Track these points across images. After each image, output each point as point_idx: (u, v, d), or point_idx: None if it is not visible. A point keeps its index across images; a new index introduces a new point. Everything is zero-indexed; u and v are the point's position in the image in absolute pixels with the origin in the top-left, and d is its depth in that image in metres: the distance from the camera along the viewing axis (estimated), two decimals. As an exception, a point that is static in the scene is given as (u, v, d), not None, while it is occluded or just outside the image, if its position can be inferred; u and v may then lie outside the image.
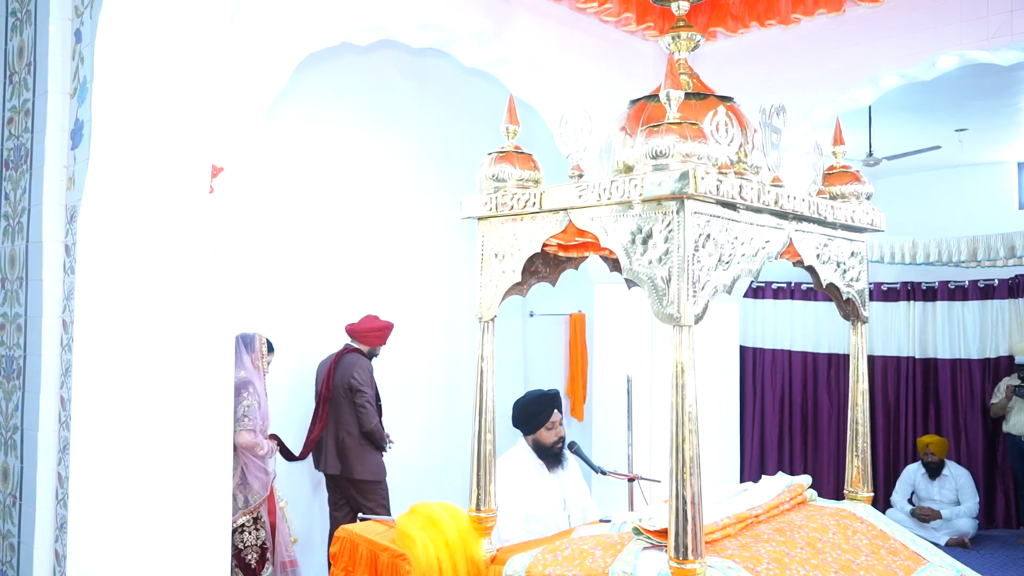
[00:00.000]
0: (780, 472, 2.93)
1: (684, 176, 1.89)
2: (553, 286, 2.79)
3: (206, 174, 2.52)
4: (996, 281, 7.20)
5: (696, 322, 1.97)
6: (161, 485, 2.53)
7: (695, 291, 1.95)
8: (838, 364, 7.97)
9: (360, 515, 3.70)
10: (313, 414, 4.80)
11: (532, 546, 2.59)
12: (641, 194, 1.98)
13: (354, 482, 4.67)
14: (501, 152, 2.45)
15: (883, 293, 7.69)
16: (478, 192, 2.47)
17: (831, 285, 2.57)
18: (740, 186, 2.05)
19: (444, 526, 2.47)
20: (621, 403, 4.06)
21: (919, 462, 6.97)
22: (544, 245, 2.33)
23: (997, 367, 7.15)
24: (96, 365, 2.35)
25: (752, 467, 7.96)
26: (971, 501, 6.69)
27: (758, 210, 2.16)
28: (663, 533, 2.15)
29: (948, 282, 7.44)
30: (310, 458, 4.83)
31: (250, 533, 4.04)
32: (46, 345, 2.42)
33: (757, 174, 2.40)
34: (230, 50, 2.69)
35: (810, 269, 2.50)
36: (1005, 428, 6.89)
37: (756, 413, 8.20)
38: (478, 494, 2.44)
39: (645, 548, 2.16)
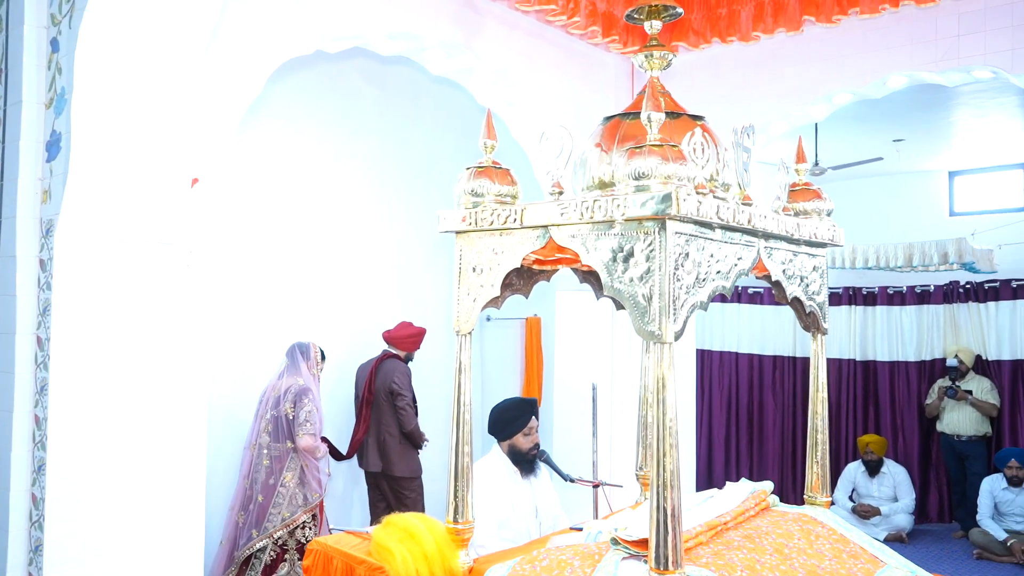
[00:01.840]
0: (743, 479, 3.01)
1: (667, 198, 1.94)
2: (526, 298, 2.82)
3: (185, 186, 2.49)
4: (932, 287, 7.51)
5: (676, 339, 2.02)
6: (139, 505, 2.48)
7: (675, 309, 2.00)
8: (783, 366, 8.20)
9: (332, 527, 3.72)
10: (357, 416, 5.09)
11: (508, 556, 2.62)
12: (624, 214, 2.02)
13: (394, 479, 4.96)
14: (479, 167, 2.47)
15: (836, 298, 7.92)
16: (455, 206, 2.48)
17: (795, 299, 2.66)
18: (718, 207, 2.11)
19: (421, 538, 2.48)
20: (583, 410, 4.12)
21: (859, 460, 7.23)
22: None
23: (932, 369, 7.46)
24: (73, 383, 2.29)
25: (700, 467, 8.13)
26: (908, 497, 6.97)
27: (732, 229, 2.23)
28: (641, 543, 2.21)
29: (887, 287, 7.73)
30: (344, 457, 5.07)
31: (310, 529, 4.29)
32: (20, 362, 2.34)
33: (727, 191, 2.48)
34: (207, 59, 2.65)
35: (776, 284, 2.58)
36: (939, 427, 7.20)
37: (704, 414, 8.38)
38: (455, 505, 2.46)
39: (624, 558, 2.21)
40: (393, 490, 4.98)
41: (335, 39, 3.23)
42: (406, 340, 5.11)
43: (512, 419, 3.32)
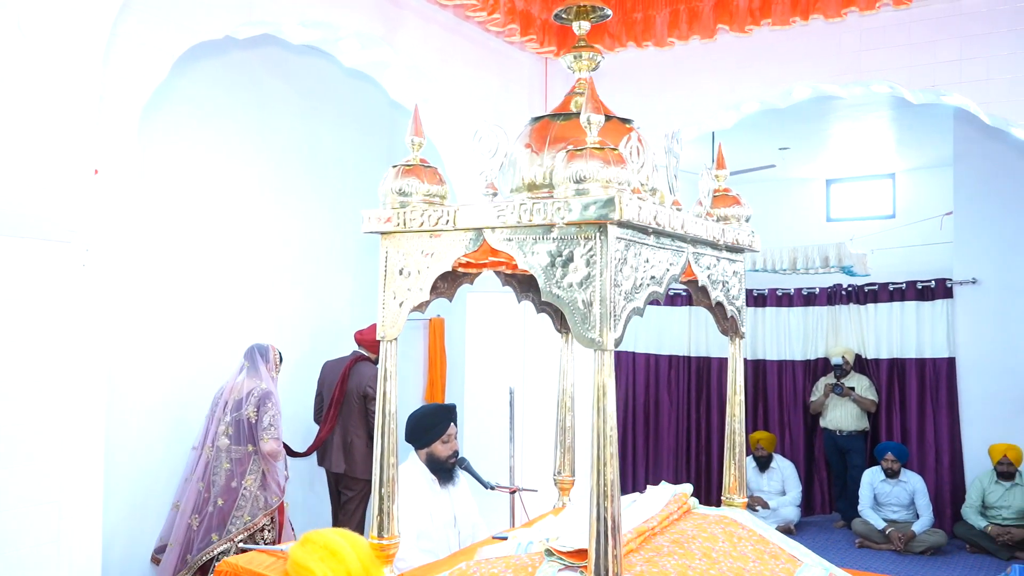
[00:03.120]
0: (664, 482, 3.03)
1: (610, 202, 1.90)
2: (450, 301, 2.74)
3: (83, 179, 2.25)
4: (817, 289, 7.87)
5: (616, 346, 1.99)
6: (31, 513, 2.24)
7: (615, 314, 1.97)
8: (678, 365, 8.42)
9: (242, 545, 3.54)
10: (323, 415, 5.10)
11: (433, 570, 2.54)
12: (564, 218, 1.98)
13: (354, 479, 5.00)
14: (407, 165, 2.36)
15: (719, 299, 8.18)
16: (380, 205, 2.37)
17: (719, 303, 2.70)
18: (655, 212, 2.10)
19: (344, 555, 2.34)
20: (496, 414, 4.06)
21: (751, 456, 7.51)
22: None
23: (816, 368, 7.83)
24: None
25: (599, 465, 8.22)
26: (795, 491, 7.29)
27: (665, 234, 2.22)
28: (576, 554, 2.17)
29: (776, 289, 8.06)
30: (306, 458, 5.17)
31: (268, 532, 4.27)
32: None
33: (654, 195, 2.48)
34: (110, 39, 2.42)
35: (702, 289, 2.61)
36: (822, 423, 7.56)
37: (602, 413, 8.48)
38: (380, 519, 2.35)
39: (560, 570, 2.17)
40: (348, 490, 5.03)
41: (245, 24, 3.03)
42: (378, 343, 5.05)
43: (430, 426, 3.23)
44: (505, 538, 2.70)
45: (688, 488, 2.93)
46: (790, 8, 3.71)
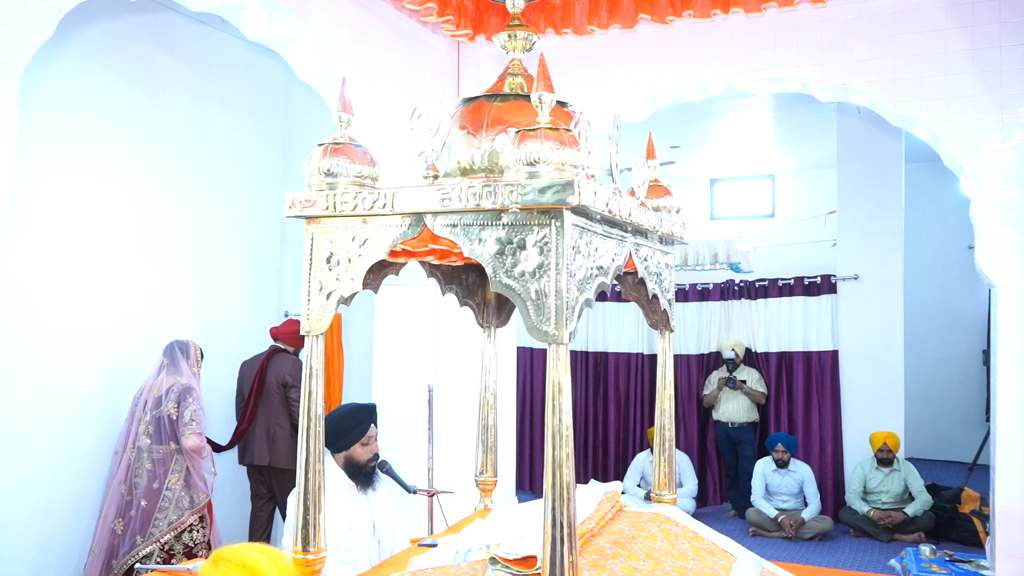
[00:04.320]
0: (592, 480, 2.96)
1: (569, 186, 1.79)
2: (375, 293, 2.55)
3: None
4: (711, 285, 8.06)
5: (571, 339, 1.88)
6: None
7: (570, 306, 1.87)
8: (575, 360, 8.44)
9: (137, 566, 3.23)
10: (243, 408, 5.07)
11: (361, 584, 2.35)
12: (518, 202, 1.85)
13: (281, 471, 4.97)
14: (335, 144, 2.17)
15: (616, 294, 8.26)
16: (306, 188, 2.17)
17: (654, 296, 2.64)
18: (608, 199, 2.00)
19: (265, 573, 2.12)
20: (408, 414, 3.88)
21: (647, 450, 7.61)
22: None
23: (709, 361, 8.02)
24: None
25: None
26: (691, 483, 7.43)
27: (612, 223, 2.14)
28: (524, 562, 2.05)
29: (672, 285, 8.20)
30: (228, 455, 5.13)
31: (198, 532, 4.14)
32: None
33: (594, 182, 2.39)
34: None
35: (640, 281, 2.54)
36: (715, 416, 7.76)
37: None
38: (305, 532, 2.14)
39: (508, 579, 2.03)
40: (279, 483, 4.96)
41: (141, -16, 2.72)
42: (294, 336, 5.08)
43: (349, 428, 3.01)
44: (434, 545, 2.53)
45: (619, 486, 2.87)
46: (711, 0, 3.72)
